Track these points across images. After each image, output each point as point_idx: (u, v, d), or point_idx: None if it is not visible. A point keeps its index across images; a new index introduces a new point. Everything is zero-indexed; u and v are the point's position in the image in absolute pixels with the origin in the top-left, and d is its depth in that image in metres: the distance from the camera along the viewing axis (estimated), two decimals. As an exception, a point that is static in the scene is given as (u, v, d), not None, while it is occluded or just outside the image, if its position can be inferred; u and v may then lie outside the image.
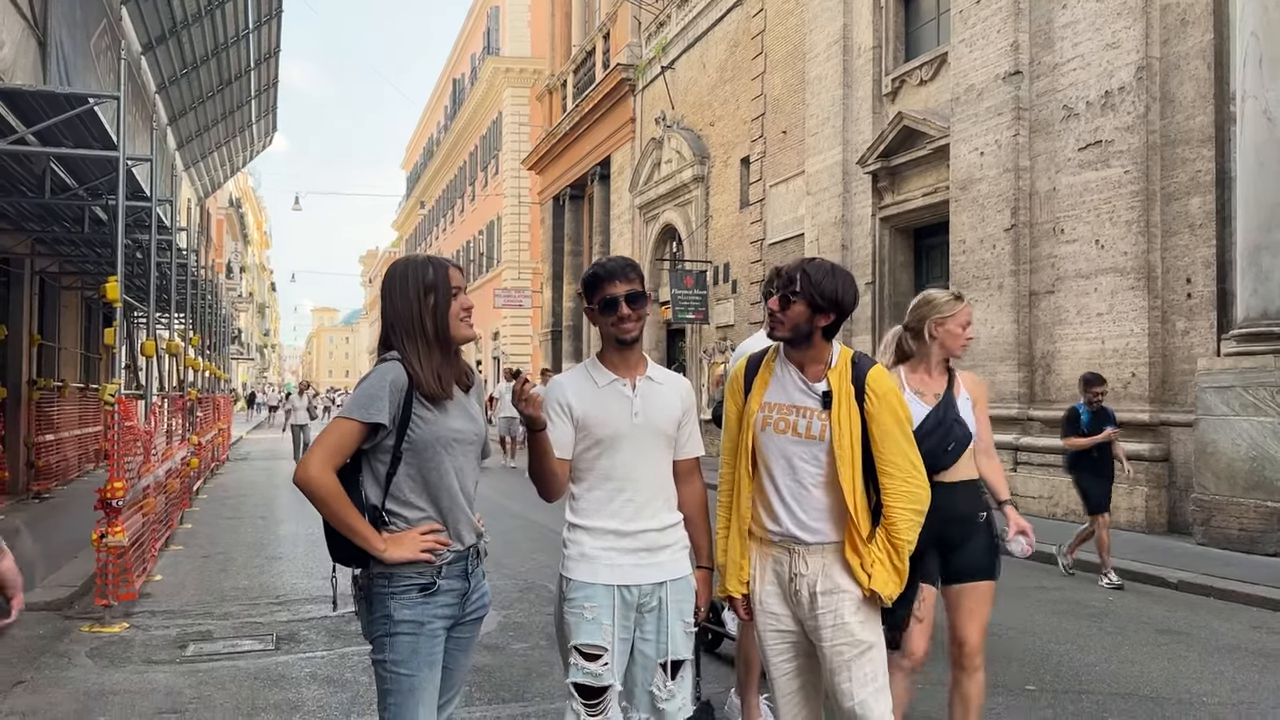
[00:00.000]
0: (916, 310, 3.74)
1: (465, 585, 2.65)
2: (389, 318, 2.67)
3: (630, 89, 24.91)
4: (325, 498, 2.48)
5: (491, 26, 41.29)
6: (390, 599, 2.55)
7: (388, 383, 2.54)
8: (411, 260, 2.72)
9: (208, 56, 15.34)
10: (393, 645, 2.55)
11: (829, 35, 16.03)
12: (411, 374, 2.56)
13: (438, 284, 2.63)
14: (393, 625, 2.54)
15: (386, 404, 2.52)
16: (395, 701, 2.55)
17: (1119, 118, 10.68)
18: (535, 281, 34.99)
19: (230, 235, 50.24)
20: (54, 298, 15.38)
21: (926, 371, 3.68)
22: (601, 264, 2.95)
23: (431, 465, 2.58)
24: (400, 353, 2.60)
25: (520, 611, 6.81)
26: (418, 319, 2.61)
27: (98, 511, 6.65)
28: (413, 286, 2.63)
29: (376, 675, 2.60)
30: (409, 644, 2.55)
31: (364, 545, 2.51)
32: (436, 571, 2.58)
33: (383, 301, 2.71)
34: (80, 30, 9.52)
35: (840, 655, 2.77)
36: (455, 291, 2.67)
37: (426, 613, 2.56)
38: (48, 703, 4.87)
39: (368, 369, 2.82)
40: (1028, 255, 12.05)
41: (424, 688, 2.56)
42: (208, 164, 23.25)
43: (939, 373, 3.70)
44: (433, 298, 2.62)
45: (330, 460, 2.50)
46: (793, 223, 17.52)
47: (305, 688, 5.09)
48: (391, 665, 2.55)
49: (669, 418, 2.91)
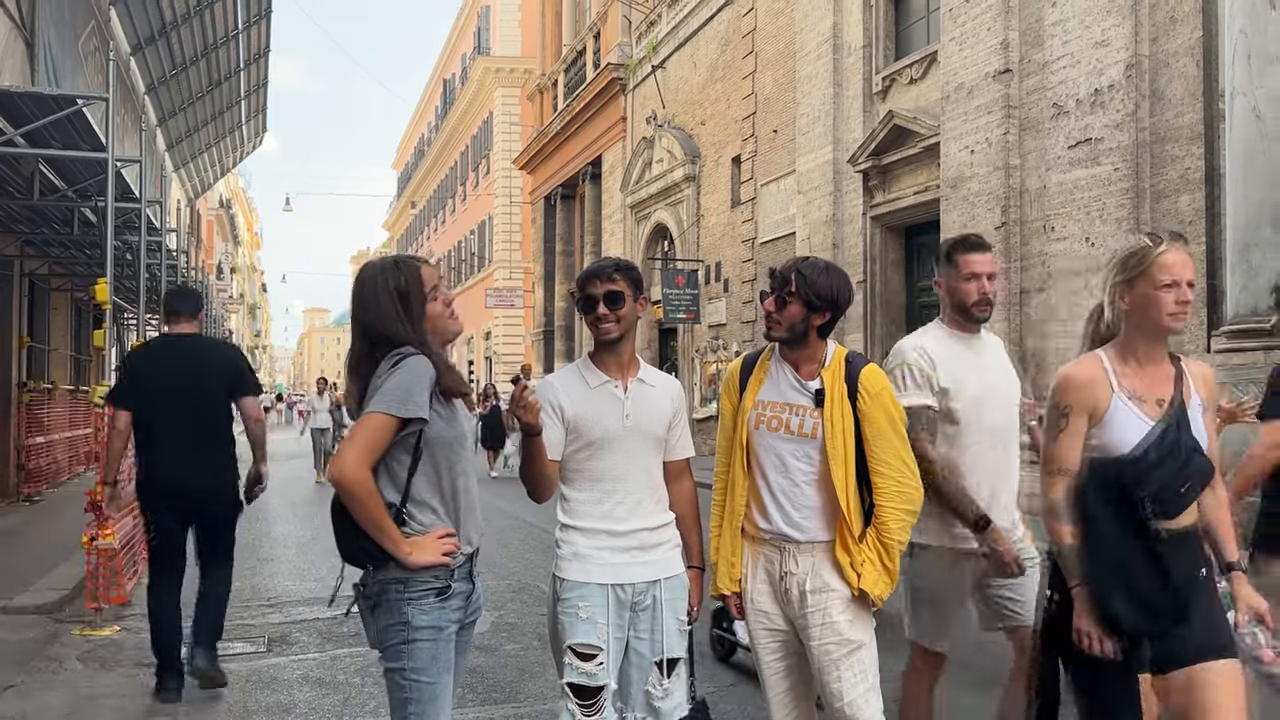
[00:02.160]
0: (1113, 269, 2.73)
1: (470, 587, 2.63)
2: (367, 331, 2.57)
3: (621, 88, 24.90)
4: (364, 498, 2.41)
5: (482, 26, 41.25)
6: (407, 605, 2.47)
7: (426, 378, 2.47)
8: (380, 266, 2.62)
9: (197, 57, 15.28)
10: (411, 653, 2.48)
11: (819, 34, 16.05)
12: (437, 368, 2.50)
13: (410, 290, 2.56)
14: (411, 632, 2.47)
15: (426, 399, 2.46)
16: (417, 710, 2.48)
17: (1109, 115, 10.71)
18: (527, 281, 34.96)
19: (221, 236, 50.09)
20: (43, 299, 15.31)
21: (1138, 361, 2.64)
22: (593, 263, 2.95)
23: (446, 465, 2.55)
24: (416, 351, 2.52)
25: (513, 612, 6.81)
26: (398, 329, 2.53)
27: (88, 514, 6.62)
28: (385, 295, 2.55)
29: (392, 684, 2.52)
30: (428, 650, 2.49)
31: (391, 549, 2.43)
32: (450, 575, 2.53)
33: (356, 312, 2.60)
34: (68, 31, 9.48)
35: (829, 654, 2.77)
36: (432, 292, 2.60)
37: (443, 618, 2.51)
38: (39, 707, 4.85)
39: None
40: (1018, 253, 12.08)
41: (443, 694, 2.52)
42: (197, 165, 23.17)
43: (1160, 363, 2.65)
44: (409, 306, 2.55)
45: (366, 459, 2.43)
46: (784, 222, 17.54)
47: (297, 690, 5.08)
48: (412, 673, 2.48)
49: (660, 420, 2.90)
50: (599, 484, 2.84)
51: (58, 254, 14.19)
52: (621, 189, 24.56)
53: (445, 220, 49.97)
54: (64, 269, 15.36)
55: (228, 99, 18.42)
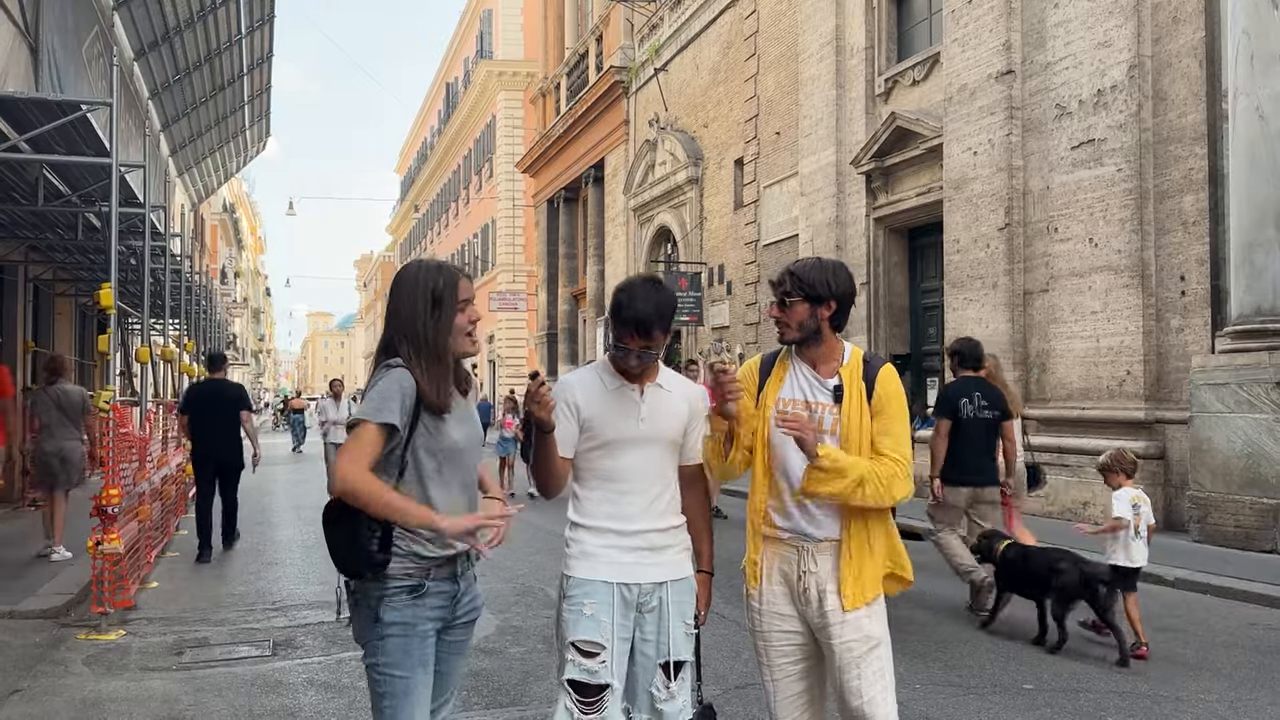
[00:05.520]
0: None
1: (455, 588, 2.64)
2: (394, 323, 2.63)
3: (623, 91, 24.92)
4: (369, 492, 2.43)
5: (484, 30, 41.31)
6: (379, 602, 2.54)
7: (401, 387, 2.51)
8: (424, 266, 2.67)
9: (200, 62, 15.29)
10: (383, 648, 2.54)
11: (822, 36, 16.05)
12: (418, 382, 2.54)
13: (444, 295, 2.60)
14: (383, 628, 2.54)
15: (398, 406, 2.49)
16: (389, 704, 2.54)
17: (1111, 116, 10.70)
18: (530, 284, 34.99)
19: (224, 241, 50.16)
20: (48, 304, 15.34)
21: None
22: (633, 306, 2.76)
23: (432, 477, 2.57)
24: (405, 360, 2.56)
25: (518, 615, 6.80)
26: (421, 330, 2.58)
27: (93, 518, 6.63)
28: (421, 295, 2.59)
29: (370, 679, 2.59)
30: (399, 645, 2.54)
31: (423, 523, 2.46)
32: (425, 573, 2.56)
33: (390, 305, 2.67)
34: (72, 37, 9.50)
35: (850, 652, 2.78)
36: (464, 304, 2.63)
37: (416, 615, 2.55)
38: (44, 711, 4.85)
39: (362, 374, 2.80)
40: (1022, 254, 12.07)
41: (417, 689, 2.56)
42: (201, 170, 23.18)
43: None
44: (439, 311, 2.59)
45: (362, 461, 2.46)
46: (787, 224, 17.53)
47: (302, 694, 5.08)
48: (384, 668, 2.54)
49: (675, 425, 2.91)
50: (610, 484, 2.85)
51: (62, 259, 14.22)
52: (624, 192, 24.57)
53: (448, 224, 50.03)
54: (68, 274, 15.38)
55: (231, 104, 18.43)
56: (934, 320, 14.55)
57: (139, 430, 9.27)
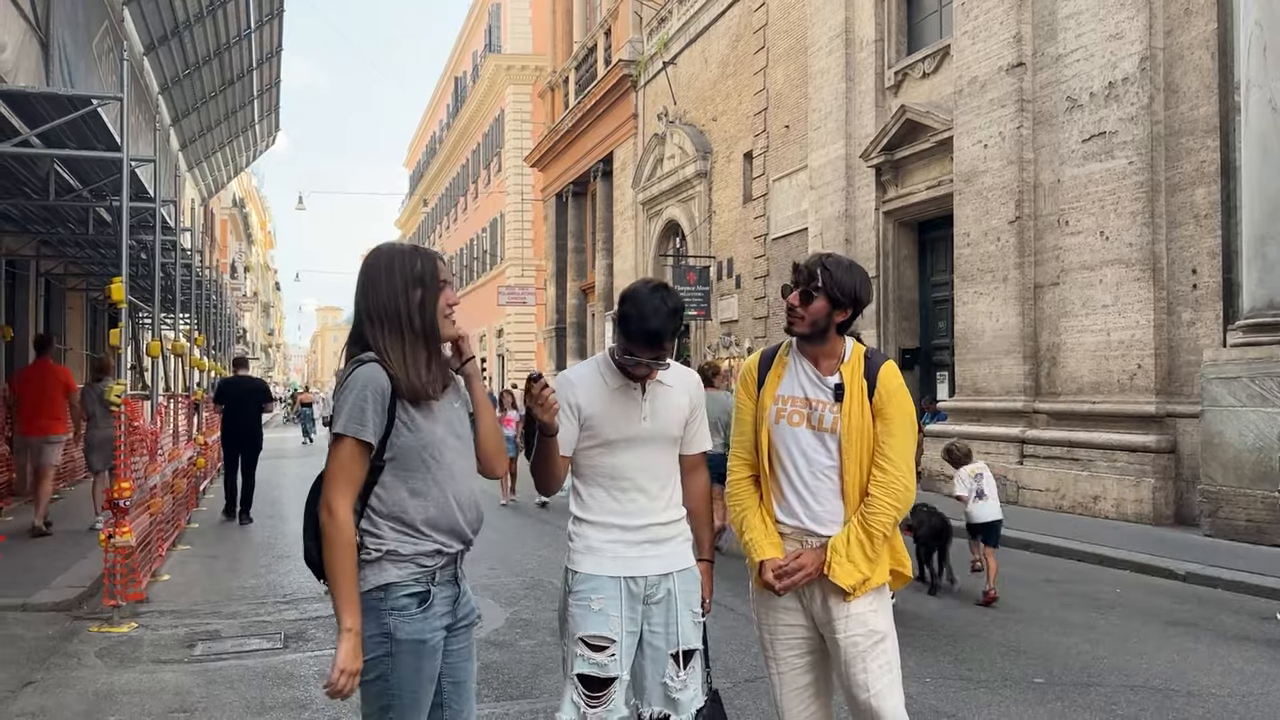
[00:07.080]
0: None
1: (455, 590, 2.55)
2: (367, 310, 2.47)
3: (632, 85, 24.88)
4: (345, 545, 2.34)
5: (493, 24, 41.27)
6: (389, 616, 2.39)
7: (369, 392, 2.36)
8: (397, 249, 2.53)
9: (210, 57, 15.32)
10: (395, 666, 2.40)
11: (831, 29, 16.00)
12: (392, 376, 2.39)
13: (425, 276, 2.46)
14: (394, 645, 2.39)
15: (371, 414, 2.36)
16: (395, 716, 2.43)
17: (1123, 109, 10.65)
18: (539, 278, 34.99)
19: (234, 235, 50.29)
20: (59, 299, 15.42)
21: None
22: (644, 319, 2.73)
23: (418, 475, 2.44)
24: (378, 351, 2.41)
25: (527, 608, 6.82)
26: (404, 314, 2.43)
27: (105, 512, 6.67)
28: (399, 278, 2.45)
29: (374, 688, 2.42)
30: (412, 664, 2.42)
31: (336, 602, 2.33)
32: (430, 579, 2.45)
33: (361, 291, 2.50)
34: (82, 31, 9.51)
35: (855, 646, 2.78)
36: (443, 284, 2.50)
37: (427, 627, 2.43)
38: (57, 703, 4.88)
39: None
40: (1032, 247, 12.03)
41: (426, 700, 2.48)
42: (211, 164, 23.25)
43: None
44: (420, 291, 2.45)
45: (351, 495, 2.37)
46: (796, 217, 17.50)
47: (314, 686, 5.10)
48: (396, 685, 2.41)
49: (678, 420, 2.91)
50: (613, 480, 2.85)
51: (73, 253, 14.28)
52: (633, 186, 24.55)
53: (457, 218, 50.05)
54: (79, 268, 15.46)
55: (240, 98, 18.47)
56: (944, 314, 14.52)
57: (150, 424, 9.31)
